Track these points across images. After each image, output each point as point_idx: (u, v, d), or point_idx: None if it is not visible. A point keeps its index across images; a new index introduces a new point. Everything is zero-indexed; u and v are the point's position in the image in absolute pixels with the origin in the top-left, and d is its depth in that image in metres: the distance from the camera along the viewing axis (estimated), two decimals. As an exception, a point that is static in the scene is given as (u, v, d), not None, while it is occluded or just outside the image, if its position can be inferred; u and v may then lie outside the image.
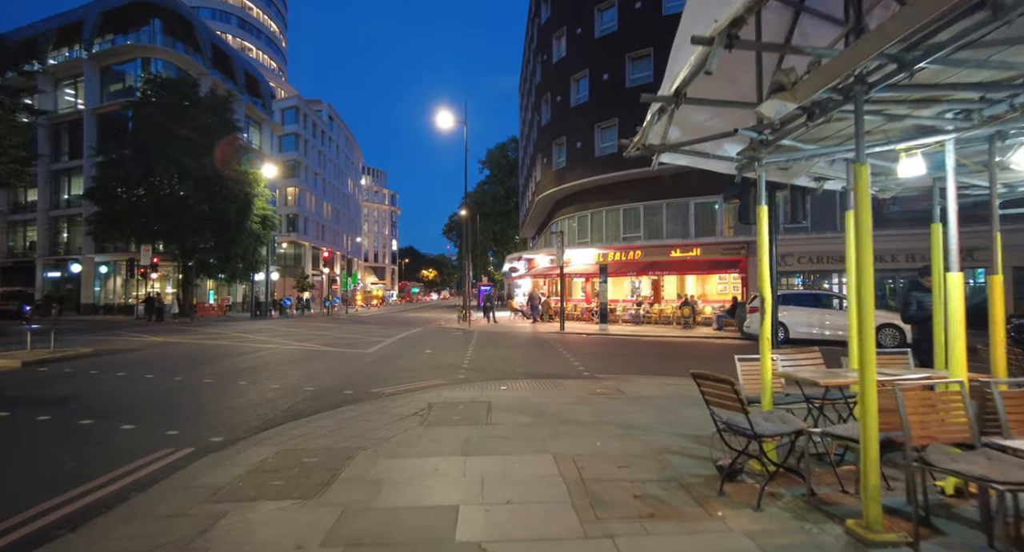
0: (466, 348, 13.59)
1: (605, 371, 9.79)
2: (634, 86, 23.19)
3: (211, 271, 33.26)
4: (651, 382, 8.46)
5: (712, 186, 22.17)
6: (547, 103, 28.03)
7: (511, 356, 12.00)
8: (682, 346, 14.79)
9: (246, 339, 16.25)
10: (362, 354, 12.14)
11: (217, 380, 8.54)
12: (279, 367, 10.20)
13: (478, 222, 62.10)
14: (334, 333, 18.79)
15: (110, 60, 35.46)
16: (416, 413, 6.05)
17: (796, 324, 14.97)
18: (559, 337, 17.49)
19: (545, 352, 12.86)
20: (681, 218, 22.95)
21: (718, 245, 21.10)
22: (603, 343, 15.63)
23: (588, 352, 13.02)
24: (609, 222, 25.05)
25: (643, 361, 11.43)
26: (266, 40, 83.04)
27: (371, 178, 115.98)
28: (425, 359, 11.31)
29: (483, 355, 12.07)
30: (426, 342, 15.49)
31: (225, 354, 12.43)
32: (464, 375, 9.19)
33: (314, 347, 13.69)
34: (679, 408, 6.40)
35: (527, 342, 15.72)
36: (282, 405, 6.80)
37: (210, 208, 29.99)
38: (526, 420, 5.72)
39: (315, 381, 8.55)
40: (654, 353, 13.01)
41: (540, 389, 7.65)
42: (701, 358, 12.27)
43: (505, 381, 8.43)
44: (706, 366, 11.36)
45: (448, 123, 25.13)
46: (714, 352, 13.38)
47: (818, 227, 20.44)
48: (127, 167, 28.56)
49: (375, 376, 9.08)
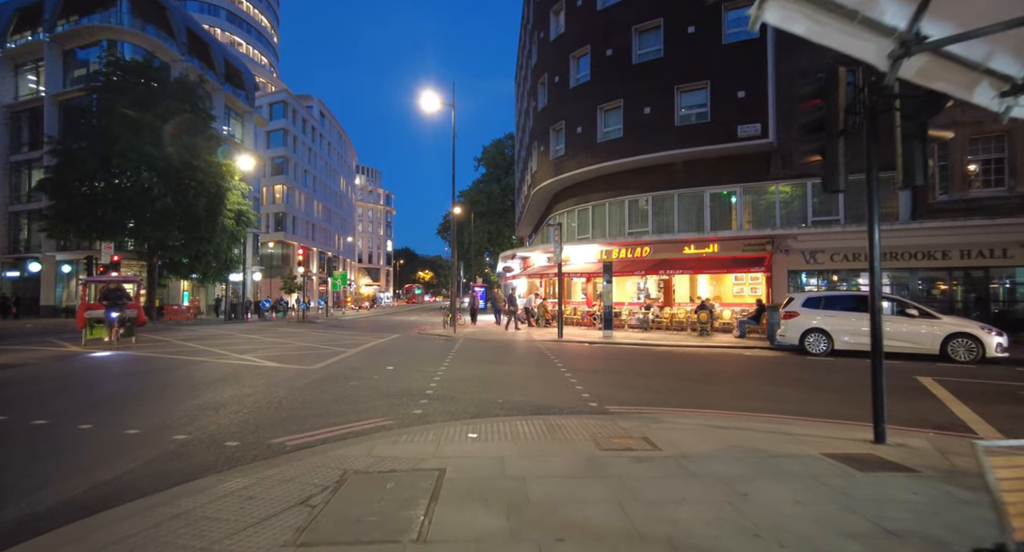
0: (441, 362, 10.97)
1: (620, 400, 7.19)
2: (642, 62, 20.65)
3: (180, 270, 30.54)
4: (689, 421, 5.86)
5: (729, 174, 19.64)
6: (544, 86, 25.46)
7: (494, 375, 9.38)
8: (705, 359, 12.20)
9: (185, 349, 13.62)
10: (304, 372, 9.52)
11: (56, 421, 5.90)
12: (177, 393, 7.58)
13: (472, 222, 59.63)
14: (296, 341, 16.16)
15: (73, 43, 32.84)
16: (304, 502, 3.44)
17: (841, 332, 12.39)
18: (557, 347, 14.89)
19: (539, 368, 10.25)
20: (695, 210, 20.37)
21: (738, 240, 18.52)
22: (610, 355, 13.02)
23: (593, 368, 10.42)
24: (613, 215, 22.46)
25: (665, 382, 8.84)
26: (256, 35, 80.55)
27: (366, 177, 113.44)
28: (381, 380, 8.69)
29: (459, 373, 9.45)
30: (395, 354, 12.87)
31: (133, 371, 9.81)
32: (423, 408, 6.58)
33: (252, 361, 11.07)
34: (763, 486, 3.78)
35: (518, 354, 13.11)
36: (101, 475, 4.20)
37: (176, 201, 27.38)
38: (493, 527, 3.12)
39: (203, 420, 5.94)
40: (675, 369, 10.42)
41: (527, 440, 5.05)
42: (737, 377, 9.68)
43: (478, 421, 5.84)
44: (751, 390, 8.79)
45: (435, 106, 22.62)
46: (749, 367, 10.78)
47: (853, 219, 17.90)
48: (83, 156, 25.90)
49: (297, 410, 6.47)
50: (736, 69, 18.79)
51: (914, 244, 16.08)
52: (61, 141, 26.95)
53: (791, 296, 13.69)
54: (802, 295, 13.44)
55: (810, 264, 17.75)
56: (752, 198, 19.71)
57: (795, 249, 17.82)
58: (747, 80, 18.61)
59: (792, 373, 9.85)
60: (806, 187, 18.62)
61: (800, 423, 5.93)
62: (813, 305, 12.89)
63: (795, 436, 5.25)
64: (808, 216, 18.60)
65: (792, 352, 13.25)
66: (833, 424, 5.98)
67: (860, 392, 7.89)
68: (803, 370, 10.30)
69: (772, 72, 18.33)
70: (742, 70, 18.70)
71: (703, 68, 19.28)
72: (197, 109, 30.01)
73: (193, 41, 37.91)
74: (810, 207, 18.62)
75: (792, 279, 18.27)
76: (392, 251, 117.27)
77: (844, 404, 7.12)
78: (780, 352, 13.50)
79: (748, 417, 6.25)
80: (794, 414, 6.47)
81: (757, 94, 18.41)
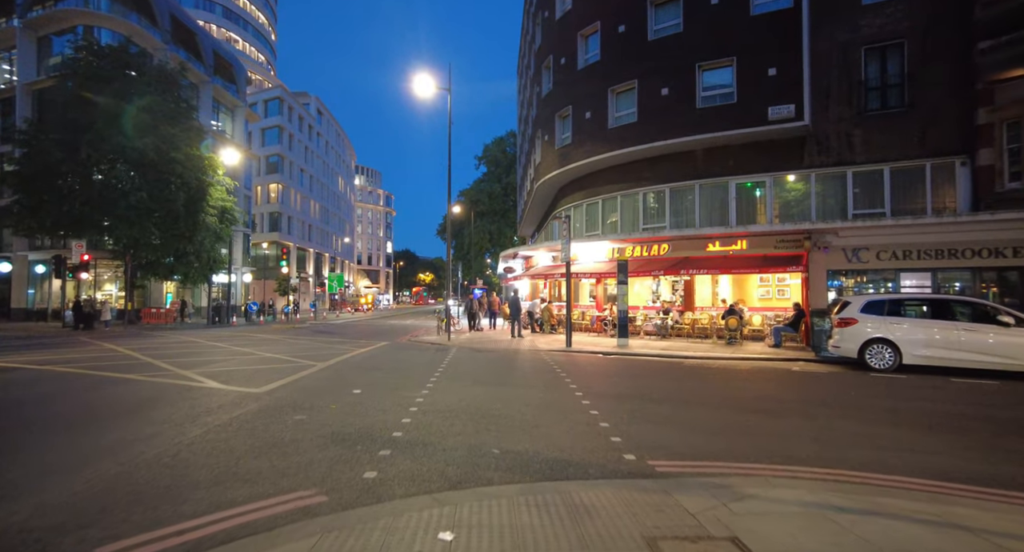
0: (424, 381, 8.83)
1: (665, 448, 5.05)
2: (659, 38, 18.50)
3: (158, 271, 28.42)
4: (789, 497, 3.68)
5: (757, 161, 17.49)
6: (548, 70, 23.33)
7: (490, 403, 7.24)
8: (749, 377, 10.03)
9: (123, 362, 11.50)
10: (244, 398, 7.40)
11: None
12: (50, 431, 5.47)
13: (472, 222, 57.62)
14: (263, 351, 14.05)
15: (47, 28, 30.87)
16: None
17: (913, 344, 10.21)
18: (566, 358, 12.74)
19: (547, 391, 8.11)
20: (718, 202, 18.20)
21: (770, 235, 16.37)
22: (632, 370, 10.87)
23: (615, 391, 8.27)
24: (626, 210, 20.29)
25: (716, 413, 6.68)
26: (253, 31, 78.80)
27: (365, 178, 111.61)
28: (338, 413, 6.55)
29: (444, 401, 7.32)
30: (371, 369, 10.72)
31: (26, 395, 7.69)
32: (380, 468, 4.44)
33: (192, 380, 8.94)
34: None
35: (521, 370, 10.96)
36: None
37: (152, 196, 25.34)
38: None
39: (43, 485, 3.85)
40: (719, 392, 8.26)
41: (538, 545, 2.92)
42: (805, 406, 7.48)
43: (460, 494, 3.71)
44: (836, 429, 5.42)
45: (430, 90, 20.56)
46: (809, 390, 8.59)
47: (901, 211, 15.73)
48: (49, 147, 23.87)
49: (191, 471, 4.35)
50: (766, 44, 16.66)
51: (978, 239, 13.89)
52: (27, 131, 24.92)
53: (846, 299, 11.50)
54: (860, 298, 11.26)
55: (852, 263, 15.57)
56: (782, 189, 17.54)
57: (835, 246, 15.65)
58: (779, 56, 16.47)
59: (870, 400, 7.69)
60: (846, 176, 16.44)
61: (959, 499, 3.79)
62: (875, 310, 10.72)
63: (980, 534, 3.10)
64: (849, 209, 16.42)
65: (848, 366, 11.09)
66: (1006, 499, 3.84)
67: (985, 432, 5.73)
68: (878, 393, 8.14)
69: (807, 46, 16.19)
70: (773, 45, 16.57)
71: (728, 43, 17.15)
72: (178, 98, 28.04)
73: (178, 29, 35.96)
74: (850, 198, 16.43)
75: (831, 280, 16.10)
76: (392, 253, 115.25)
77: (982, 455, 4.97)
78: (833, 366, 11.32)
79: (871, 484, 4.11)
80: (923, 475, 4.35)
81: (790, 71, 16.28)
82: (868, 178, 16.25)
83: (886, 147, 15.79)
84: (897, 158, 15.73)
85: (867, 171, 16.18)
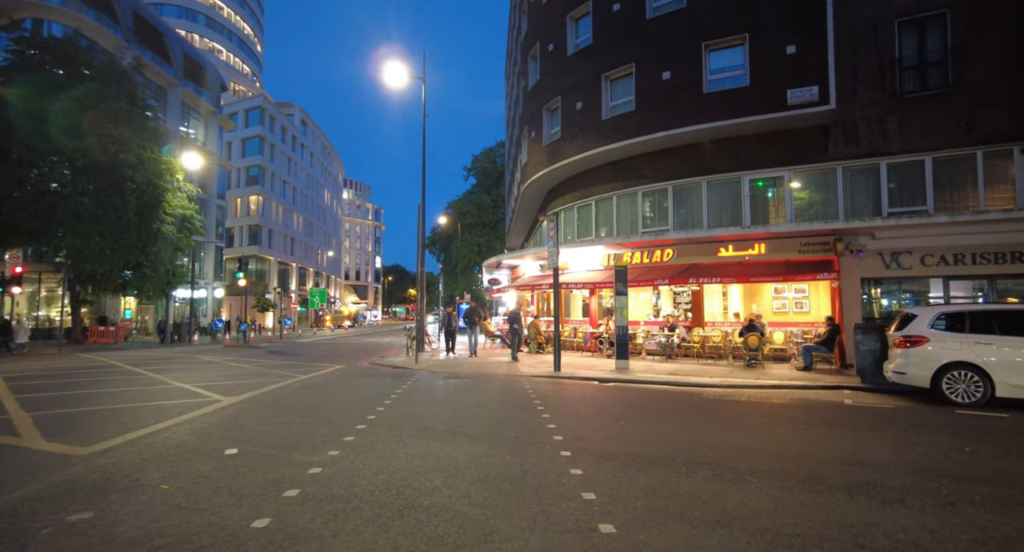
0: (342, 435, 6.16)
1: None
2: (659, 15, 16.29)
3: (106, 284, 25.56)
4: None
5: (774, 153, 15.18)
6: (535, 60, 21.10)
7: (421, 482, 4.59)
8: (796, 417, 7.44)
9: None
10: (52, 463, 4.75)
11: None
12: None
13: (459, 235, 55.23)
14: (180, 380, 11.32)
15: (-8, 22, 28.41)
16: None
17: (1009, 370, 7.71)
18: (553, 389, 10.12)
19: (518, 454, 5.48)
20: (729, 201, 15.81)
21: (792, 237, 13.97)
22: (641, 407, 8.28)
23: (625, 449, 5.65)
24: (623, 211, 17.86)
25: (784, 494, 4.07)
26: (238, 42, 76.88)
27: (353, 191, 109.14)
28: (157, 505, 3.89)
29: (348, 477, 4.65)
30: (287, 409, 8.04)
31: None
32: None
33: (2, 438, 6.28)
34: None
35: (489, 409, 8.32)
36: None
37: (96, 202, 22.76)
38: None
39: None
40: (775, 445, 5.66)
41: None
42: (895, 473, 4.80)
43: None
44: (966, 522, 3.10)
45: (401, 80, 18.32)
46: (886, 439, 5.93)
47: (945, 209, 13.40)
48: (-25, 146, 21.28)
49: None
50: (784, 18, 14.50)
51: (1044, 240, 11.59)
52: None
53: (909, 311, 8.97)
54: (929, 310, 8.78)
55: (892, 269, 13.17)
56: (803, 184, 15.20)
57: (870, 249, 13.28)
58: (798, 32, 14.29)
59: (1001, 461, 5.16)
60: (879, 168, 14.12)
61: None
62: (952, 326, 8.23)
63: None
64: (883, 206, 14.07)
65: (915, 398, 8.57)
66: None
67: None
68: (1001, 449, 5.60)
69: (831, 20, 14.00)
70: (791, 19, 14.41)
71: (740, 18, 14.96)
72: (132, 97, 25.55)
73: (143, 28, 33.71)
74: (884, 194, 14.08)
75: (866, 289, 13.70)
76: (381, 268, 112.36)
77: None
78: (893, 397, 8.78)
79: None
80: None
81: (813, 49, 14.07)
82: (905, 171, 13.93)
83: (927, 134, 13.49)
84: (940, 146, 13.42)
85: (904, 162, 13.86)
